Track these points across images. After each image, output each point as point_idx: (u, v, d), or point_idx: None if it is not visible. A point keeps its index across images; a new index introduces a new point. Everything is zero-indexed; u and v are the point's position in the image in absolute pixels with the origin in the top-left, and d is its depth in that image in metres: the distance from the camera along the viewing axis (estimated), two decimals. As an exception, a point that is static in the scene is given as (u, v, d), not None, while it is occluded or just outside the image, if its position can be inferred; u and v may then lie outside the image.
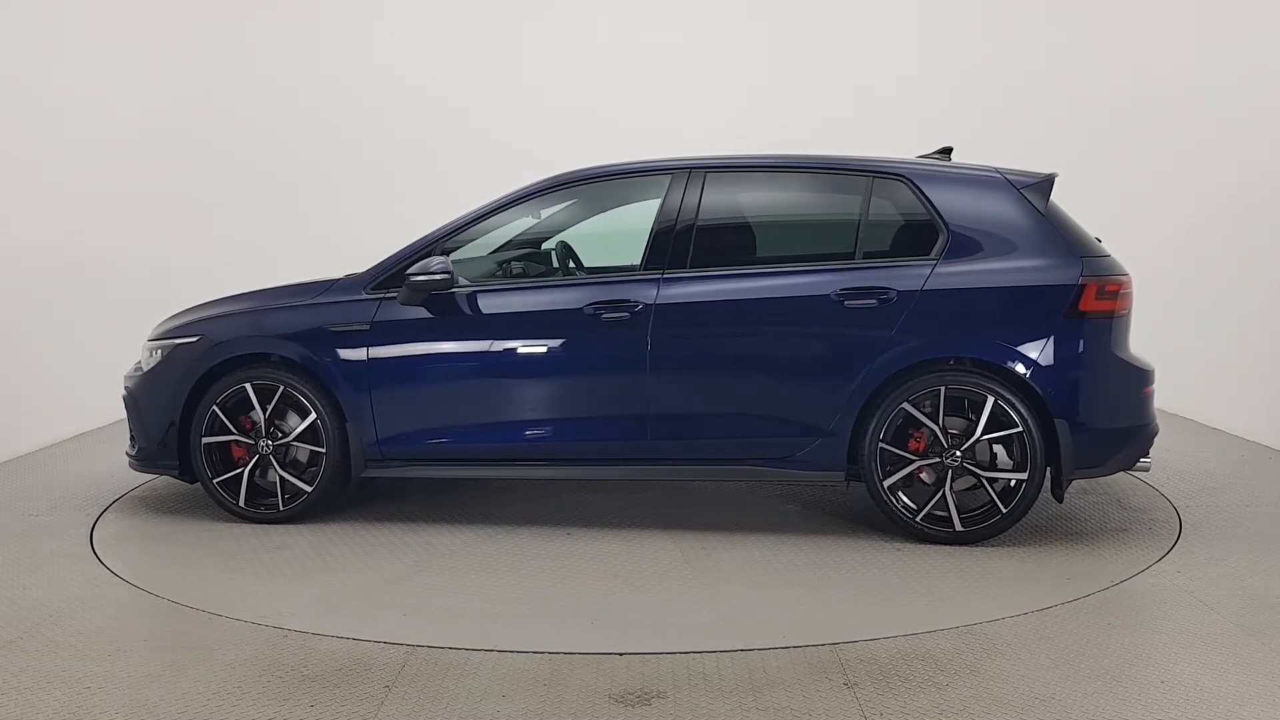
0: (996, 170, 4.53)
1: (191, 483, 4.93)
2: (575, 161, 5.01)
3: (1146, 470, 4.51)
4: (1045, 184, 4.47)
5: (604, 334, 4.50)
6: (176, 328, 5.00)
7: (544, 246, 5.26)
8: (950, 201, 4.43)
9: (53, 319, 6.67)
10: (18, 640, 3.51)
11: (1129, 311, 4.42)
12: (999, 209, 4.41)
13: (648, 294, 4.48)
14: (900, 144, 5.45)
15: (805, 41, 8.44)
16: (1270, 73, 6.15)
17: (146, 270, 7.58)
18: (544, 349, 4.58)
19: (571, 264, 5.34)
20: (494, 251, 5.17)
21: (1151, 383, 4.45)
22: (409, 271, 4.59)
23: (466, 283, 4.69)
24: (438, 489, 5.31)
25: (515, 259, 5.18)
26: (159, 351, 4.94)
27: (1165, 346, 6.52)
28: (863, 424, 4.37)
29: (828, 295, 4.37)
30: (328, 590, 3.99)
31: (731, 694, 3.06)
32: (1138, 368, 4.41)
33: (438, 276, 4.52)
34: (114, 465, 5.94)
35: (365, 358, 4.64)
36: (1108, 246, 4.57)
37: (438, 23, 8.36)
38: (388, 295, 4.67)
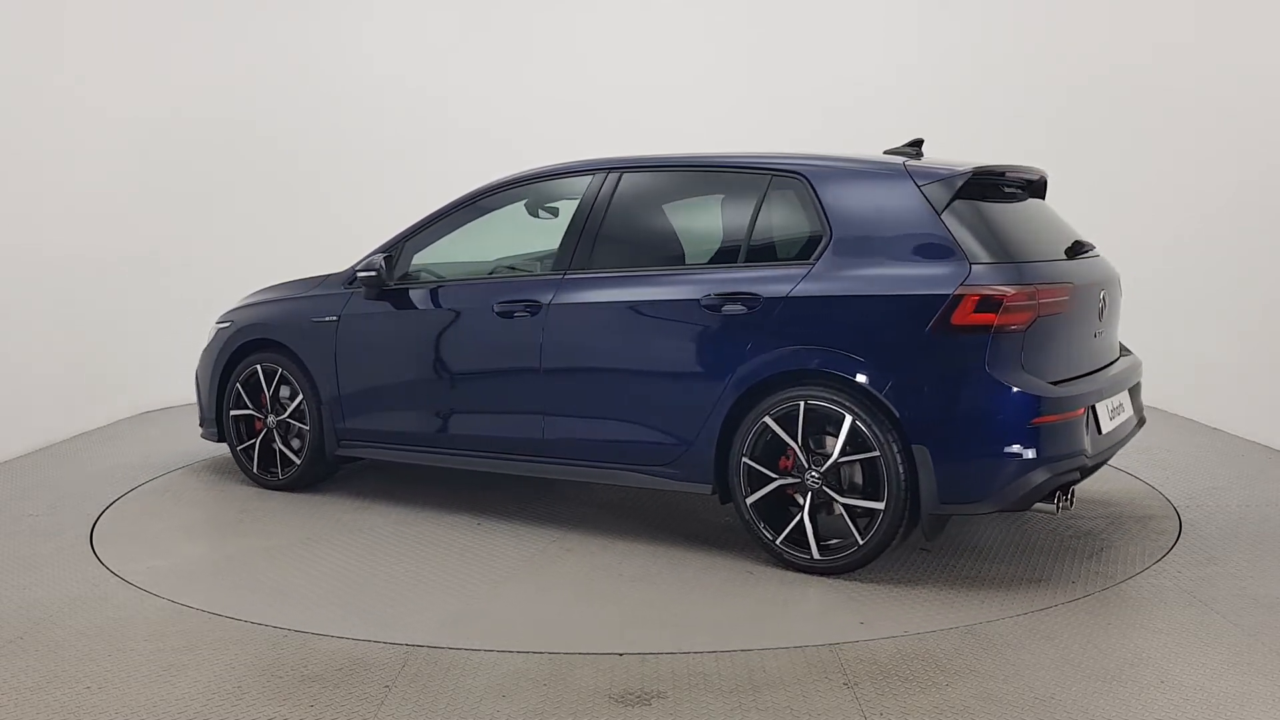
0: (904, 164, 4.12)
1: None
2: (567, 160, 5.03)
3: (1053, 514, 3.84)
4: (956, 179, 3.99)
5: (512, 332, 4.60)
6: (223, 313, 5.71)
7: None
8: (839, 201, 4.09)
9: (51, 319, 6.67)
10: (18, 640, 3.51)
11: (1028, 328, 3.78)
12: (890, 208, 4.01)
13: (548, 294, 4.54)
14: (894, 141, 5.44)
15: (799, 38, 8.45)
16: (1272, 67, 6.14)
17: (145, 271, 7.58)
18: (465, 344, 4.79)
19: None
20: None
21: (1050, 412, 3.76)
22: (356, 269, 5.08)
23: (433, 278, 5.01)
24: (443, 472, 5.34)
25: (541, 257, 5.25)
26: (211, 333, 5.67)
27: (1165, 345, 6.54)
28: (729, 437, 4.15)
29: (696, 300, 4.19)
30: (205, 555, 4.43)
31: (731, 694, 3.07)
32: (1023, 394, 3.72)
33: (370, 273, 4.97)
34: (114, 465, 5.95)
35: (333, 346, 5.13)
36: (1106, 244, 4.52)
37: (432, 24, 8.36)
38: (356, 290, 5.12)
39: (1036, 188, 4.56)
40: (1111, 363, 4.45)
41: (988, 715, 2.92)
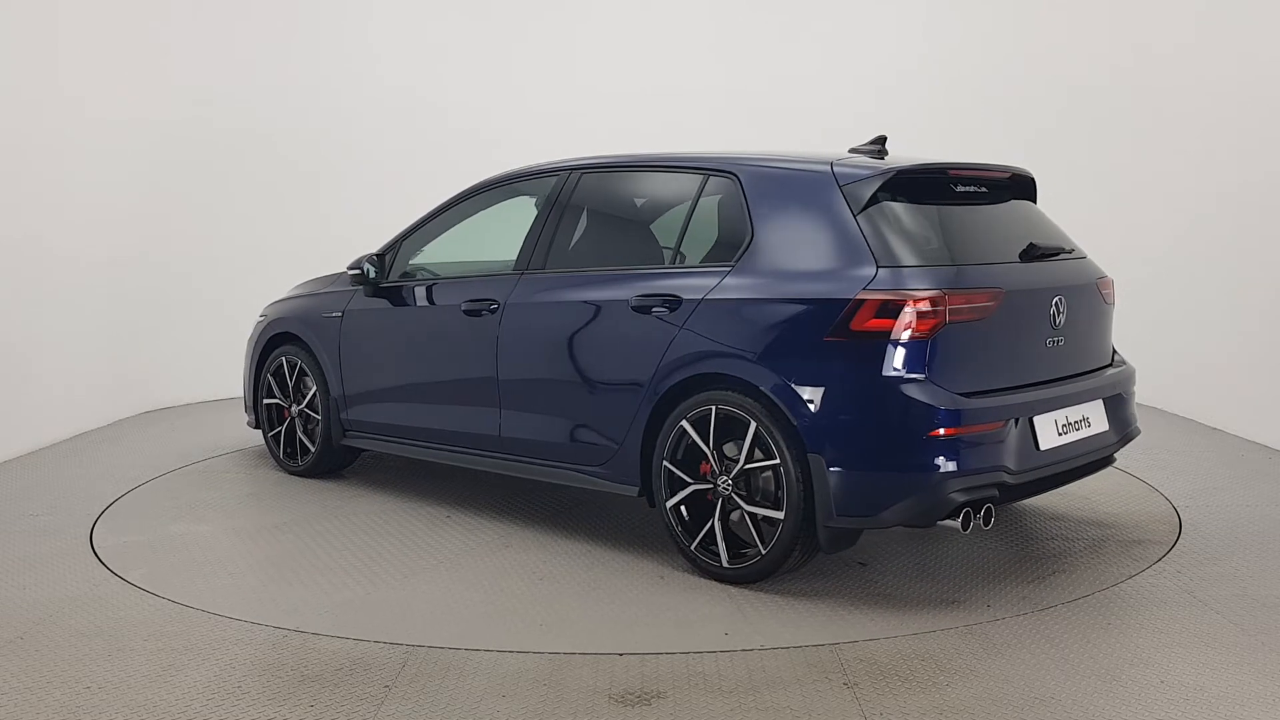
0: (831, 165, 3.96)
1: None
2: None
3: (962, 532, 3.64)
4: (876, 180, 3.82)
5: (477, 330, 4.69)
6: (265, 307, 5.99)
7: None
8: (765, 201, 3.98)
9: (52, 319, 6.66)
10: (18, 640, 3.51)
11: (933, 334, 3.57)
12: (811, 209, 3.88)
13: (505, 294, 4.62)
14: (894, 142, 5.43)
15: (799, 40, 8.45)
16: (1271, 68, 6.14)
17: (145, 271, 7.58)
18: (439, 341, 4.91)
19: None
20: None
21: (957, 424, 3.54)
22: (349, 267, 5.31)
23: (429, 276, 5.16)
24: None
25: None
26: (254, 325, 5.98)
27: (1165, 345, 6.54)
28: (653, 440, 4.11)
29: (625, 301, 4.18)
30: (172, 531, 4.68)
31: (731, 694, 3.06)
32: (922, 404, 3.52)
33: (355, 271, 5.22)
34: (114, 465, 5.95)
35: (337, 340, 5.34)
36: (1106, 244, 4.49)
37: (433, 28, 8.37)
38: (359, 288, 5.31)
39: (1022, 188, 4.38)
40: (1081, 373, 4.17)
41: (988, 715, 2.92)
